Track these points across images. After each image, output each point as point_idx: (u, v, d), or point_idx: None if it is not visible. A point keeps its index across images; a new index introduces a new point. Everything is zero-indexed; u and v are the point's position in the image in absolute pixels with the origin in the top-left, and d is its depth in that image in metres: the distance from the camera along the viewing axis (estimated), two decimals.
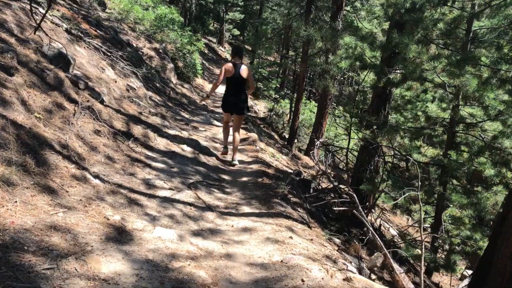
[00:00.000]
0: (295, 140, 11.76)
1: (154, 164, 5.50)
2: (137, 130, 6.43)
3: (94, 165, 4.58)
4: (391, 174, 6.26)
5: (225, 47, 32.08)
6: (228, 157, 6.97)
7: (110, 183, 4.35)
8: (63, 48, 6.92)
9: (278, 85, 22.04)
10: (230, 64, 6.72)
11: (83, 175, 4.17)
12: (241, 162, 7.01)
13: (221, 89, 15.93)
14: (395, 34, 4.92)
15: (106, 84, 7.44)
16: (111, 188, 4.25)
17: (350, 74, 14.03)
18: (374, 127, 6.47)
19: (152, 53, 12.69)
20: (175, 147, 6.51)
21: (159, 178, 5.07)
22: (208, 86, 17.12)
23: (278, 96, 20.49)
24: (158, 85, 11.20)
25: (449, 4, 5.44)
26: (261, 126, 11.72)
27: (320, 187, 7.05)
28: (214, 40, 32.95)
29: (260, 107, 15.04)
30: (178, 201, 4.53)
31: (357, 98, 7.69)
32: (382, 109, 6.54)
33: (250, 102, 14.56)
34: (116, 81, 8.44)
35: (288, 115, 13.23)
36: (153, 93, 10.32)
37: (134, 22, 13.80)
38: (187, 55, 15.88)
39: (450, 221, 5.91)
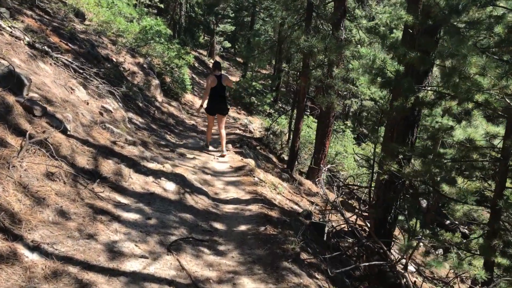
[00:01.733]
0: (296, 163, 10.52)
1: (125, 215, 4.22)
2: (107, 166, 5.16)
3: (35, 229, 3.29)
4: (430, 224, 5.03)
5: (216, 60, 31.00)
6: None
7: (55, 258, 3.06)
8: (17, 66, 5.68)
9: (272, 99, 20.91)
10: (213, 77, 7.85)
11: (12, 250, 2.89)
12: (237, 201, 5.75)
13: None
14: (447, 43, 3.75)
15: (73, 108, 6.18)
16: (54, 267, 2.97)
17: (348, 86, 12.87)
18: (400, 157, 5.25)
19: (135, 69, 11.46)
20: (154, 187, 5.23)
21: (129, 238, 3.79)
22: (198, 102, 15.90)
23: (273, 111, 19.31)
24: (140, 104, 9.95)
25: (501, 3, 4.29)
26: (258, 148, 10.48)
27: (334, 229, 5.80)
28: (205, 53, 31.81)
29: (255, 125, 13.82)
30: (153, 278, 3.25)
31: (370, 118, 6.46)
32: (409, 135, 5.35)
33: (245, 120, 13.35)
34: (88, 103, 7.18)
35: (287, 135, 12.03)
36: (135, 114, 9.07)
37: (116, 35, 12.57)
38: (175, 69, 14.67)
39: (502, 274, 4.71)
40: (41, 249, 3.10)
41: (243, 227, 4.78)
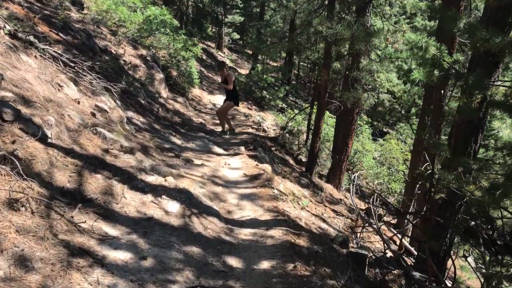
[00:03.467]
0: (315, 165, 9.44)
1: (112, 255, 3.19)
2: (95, 183, 4.14)
3: None
4: None
5: (224, 52, 29.78)
6: None
7: None
8: None
9: (284, 93, 19.79)
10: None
11: None
12: (255, 222, 4.71)
13: (218, 99, 13.67)
14: None
15: (57, 109, 5.16)
16: None
17: (374, 78, 11.72)
18: (460, 169, 4.17)
19: (137, 61, 10.42)
20: (153, 209, 4.20)
21: None
22: (207, 98, 14.85)
23: (286, 106, 18.20)
24: (142, 101, 8.92)
25: None
26: (273, 149, 9.41)
27: (373, 257, 4.75)
28: (213, 45, 30.66)
29: (268, 122, 12.73)
30: None
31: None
32: (471, 142, 4.27)
33: (258, 117, 12.27)
34: (79, 102, 6.16)
35: (305, 134, 10.95)
36: (135, 113, 8.04)
37: (117, 25, 11.52)
38: (182, 62, 13.61)
39: None
40: None
41: (265, 264, 3.74)
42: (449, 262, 4.66)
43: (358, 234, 5.86)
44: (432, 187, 4.04)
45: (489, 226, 3.94)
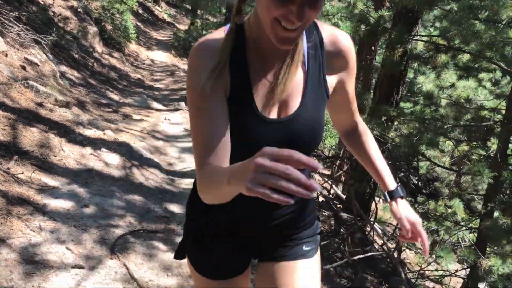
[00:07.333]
0: None
1: (53, 203, 3.26)
2: (30, 136, 4.09)
3: None
4: None
5: (162, 7, 28.63)
6: None
7: None
8: None
9: None
10: None
11: None
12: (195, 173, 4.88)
13: (156, 55, 13.34)
14: None
15: None
16: None
17: None
18: (384, 118, 4.56)
19: (68, 13, 9.89)
20: (93, 161, 4.25)
21: (58, 238, 2.87)
22: (144, 53, 14.40)
23: None
24: (76, 56, 8.57)
25: None
26: None
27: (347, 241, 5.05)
28: None
29: None
30: None
31: None
32: (394, 93, 4.63)
33: None
34: (6, 55, 5.86)
35: None
36: (69, 67, 7.76)
37: None
38: (116, 15, 13.04)
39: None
40: None
41: None
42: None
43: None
44: None
45: (416, 177, 4.41)
